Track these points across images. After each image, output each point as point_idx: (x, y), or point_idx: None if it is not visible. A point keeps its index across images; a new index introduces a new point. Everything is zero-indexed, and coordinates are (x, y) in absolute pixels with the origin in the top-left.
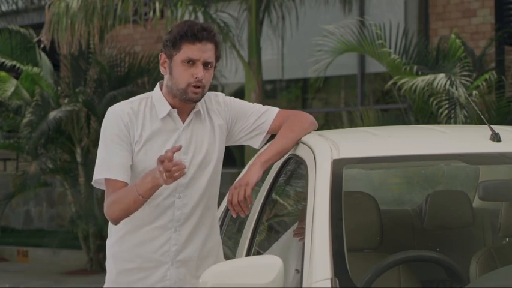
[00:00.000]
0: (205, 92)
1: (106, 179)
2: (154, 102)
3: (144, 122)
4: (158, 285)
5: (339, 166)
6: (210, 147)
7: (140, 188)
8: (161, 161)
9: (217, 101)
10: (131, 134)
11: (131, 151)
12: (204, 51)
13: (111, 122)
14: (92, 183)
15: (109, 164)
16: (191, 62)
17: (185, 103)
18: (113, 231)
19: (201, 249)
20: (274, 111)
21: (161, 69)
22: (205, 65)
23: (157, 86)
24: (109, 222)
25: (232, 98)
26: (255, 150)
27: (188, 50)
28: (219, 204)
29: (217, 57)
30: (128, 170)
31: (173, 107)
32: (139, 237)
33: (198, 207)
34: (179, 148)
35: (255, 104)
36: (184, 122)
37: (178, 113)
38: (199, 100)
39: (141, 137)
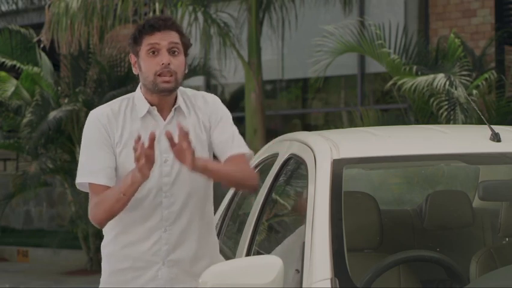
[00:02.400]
0: (179, 79)
1: (89, 184)
2: (135, 102)
3: (124, 122)
4: (150, 285)
5: (339, 166)
6: (195, 143)
7: (122, 185)
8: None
9: (205, 100)
10: (111, 136)
11: (113, 153)
12: (164, 38)
13: (90, 126)
14: (77, 186)
15: (91, 168)
16: (156, 52)
17: (162, 97)
18: (107, 232)
19: (194, 250)
20: (240, 149)
21: (133, 69)
22: (172, 52)
23: (139, 85)
24: None
25: (224, 107)
26: None
27: (150, 40)
28: (217, 205)
29: (185, 45)
30: (112, 174)
31: (152, 104)
32: (131, 238)
33: (187, 206)
34: (153, 136)
35: (235, 129)
36: (165, 120)
37: (158, 110)
38: (172, 89)
39: (121, 137)
